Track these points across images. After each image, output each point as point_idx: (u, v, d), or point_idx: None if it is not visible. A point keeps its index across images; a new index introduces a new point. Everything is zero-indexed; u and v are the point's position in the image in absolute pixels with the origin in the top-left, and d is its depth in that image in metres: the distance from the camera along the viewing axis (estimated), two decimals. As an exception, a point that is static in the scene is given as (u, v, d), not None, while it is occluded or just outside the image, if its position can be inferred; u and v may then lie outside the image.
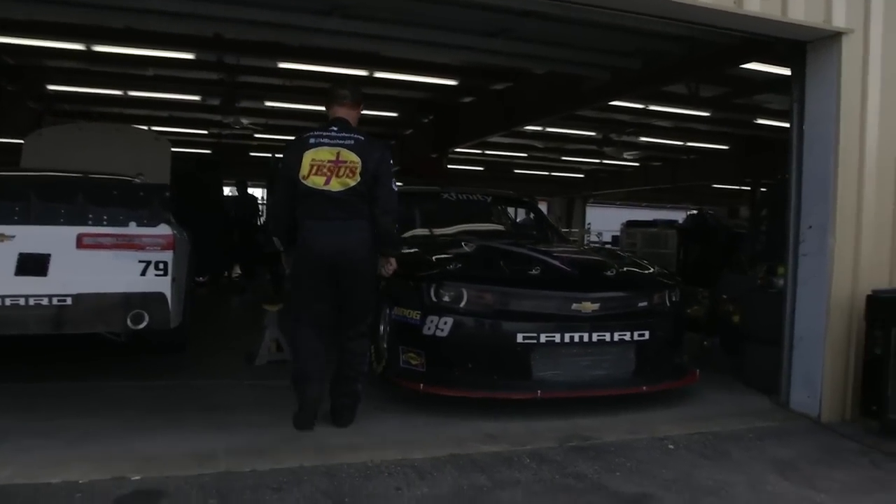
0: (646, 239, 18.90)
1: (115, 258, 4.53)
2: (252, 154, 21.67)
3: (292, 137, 4.17)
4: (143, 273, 4.60)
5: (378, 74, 10.78)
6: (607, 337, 4.57)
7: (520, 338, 4.40)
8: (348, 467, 3.43)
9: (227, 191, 14.90)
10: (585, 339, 4.51)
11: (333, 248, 3.87)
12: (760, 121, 13.86)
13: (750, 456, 3.94)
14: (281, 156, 4.23)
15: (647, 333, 4.71)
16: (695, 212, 24.67)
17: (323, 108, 4.27)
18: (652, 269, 5.38)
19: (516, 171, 24.12)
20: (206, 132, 18.16)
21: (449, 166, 17.23)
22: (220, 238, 11.27)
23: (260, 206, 13.64)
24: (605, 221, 28.85)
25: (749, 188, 20.28)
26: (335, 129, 4.00)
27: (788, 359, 5.04)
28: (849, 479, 3.63)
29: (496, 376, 4.49)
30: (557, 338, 4.45)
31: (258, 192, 15.16)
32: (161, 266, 4.65)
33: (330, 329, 4.07)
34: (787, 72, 8.79)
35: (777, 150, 17.69)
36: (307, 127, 15.94)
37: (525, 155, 20.73)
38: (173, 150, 8.70)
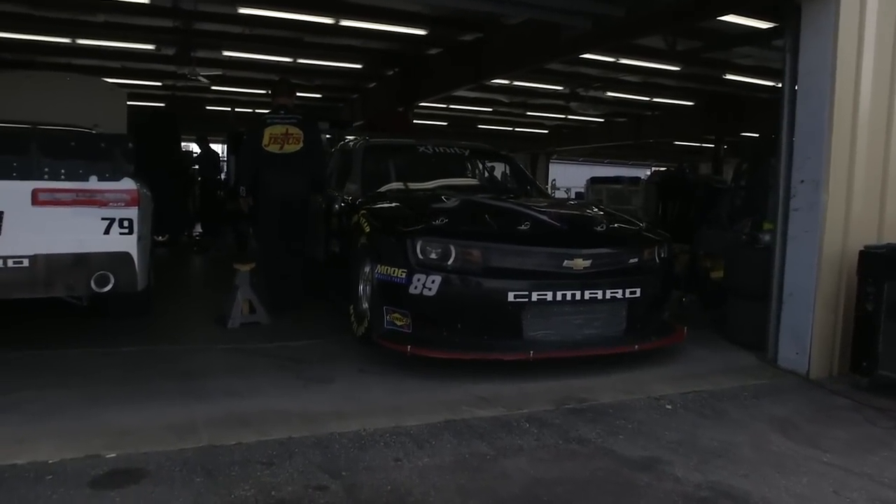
0: (611, 195, 18.91)
1: (75, 216, 4.17)
2: (209, 108, 20.91)
3: (252, 90, 7.53)
4: (107, 231, 4.26)
5: (344, 23, 10.31)
6: (599, 295, 4.42)
7: (511, 296, 4.22)
8: (340, 437, 3.23)
9: (185, 146, 14.31)
10: (577, 296, 4.35)
11: (286, 191, 5.74)
12: (729, 76, 13.78)
13: (748, 415, 3.86)
14: (239, 110, 7.11)
15: (638, 291, 4.59)
16: (663, 168, 24.86)
17: (285, 59, 7.48)
18: (641, 225, 5.23)
19: (480, 126, 23.82)
20: (159, 84, 17.40)
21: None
22: (179, 195, 10.81)
23: (222, 162, 13.12)
24: (568, 178, 28.87)
25: (712, 145, 20.34)
26: (283, 112, 5.89)
27: (776, 315, 4.98)
28: (849, 438, 3.58)
29: (486, 336, 4.32)
30: (549, 296, 4.28)
31: (218, 148, 14.55)
32: (126, 224, 4.31)
33: (280, 249, 5.87)
34: (763, 25, 8.72)
35: (742, 107, 17.95)
36: (267, 80, 15.31)
37: (490, 110, 20.42)
38: (127, 103, 8.22)
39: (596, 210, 5.57)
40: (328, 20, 10.10)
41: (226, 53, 13.46)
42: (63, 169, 4.22)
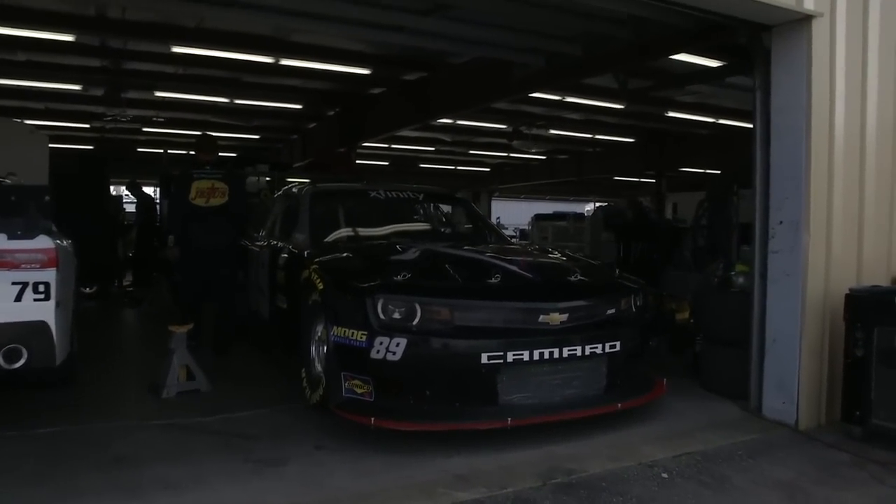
0: (557, 232, 18.84)
1: (-22, 281, 3.60)
2: (140, 150, 20.09)
3: (186, 132, 7.59)
4: (19, 298, 3.69)
5: (284, 62, 9.89)
6: (578, 351, 4.06)
7: (484, 358, 3.81)
8: (303, 539, 2.74)
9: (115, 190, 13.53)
10: (556, 354, 3.98)
11: (212, 241, 5.88)
12: (671, 114, 13.91)
13: (750, 480, 3.54)
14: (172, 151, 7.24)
15: (617, 344, 4.25)
16: (605, 202, 25.01)
17: (222, 99, 7.92)
18: (614, 271, 4.93)
19: (422, 164, 23.61)
20: (87, 126, 16.57)
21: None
22: (108, 242, 10.08)
23: (157, 207, 12.37)
24: (510, 215, 28.88)
25: (652, 180, 20.59)
26: (209, 168, 6.04)
27: (758, 363, 4.73)
28: (862, 502, 3.28)
29: (458, 403, 3.88)
30: (526, 355, 3.89)
31: (151, 191, 13.80)
32: (41, 288, 3.74)
33: (204, 296, 6.05)
34: (713, 63, 8.71)
35: (681, 143, 18.23)
36: (203, 121, 14.72)
37: (433, 149, 20.22)
38: (52, 145, 7.62)
39: (559, 255, 5.24)
40: (268, 59, 9.66)
41: (158, 94, 12.86)
42: (-34, 226, 3.65)
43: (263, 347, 6.10)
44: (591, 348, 4.11)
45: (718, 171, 6.49)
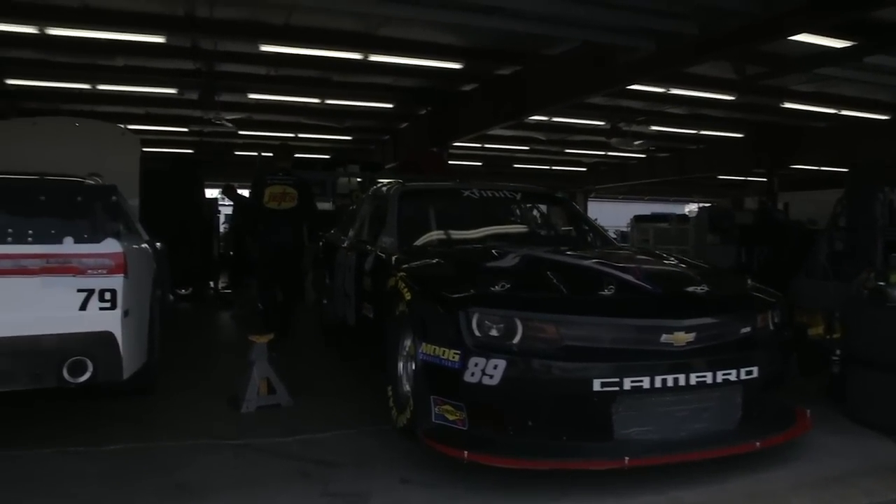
0: (658, 234, 17.84)
1: (42, 287, 3.34)
2: (237, 153, 20.49)
3: (278, 133, 9.74)
4: (84, 307, 3.41)
5: (373, 58, 9.59)
6: (708, 378, 3.41)
7: (597, 384, 3.23)
8: None
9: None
10: (681, 381, 3.35)
11: (281, 240, 6.61)
12: (787, 104, 12.77)
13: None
14: (266, 154, 7.53)
15: (754, 370, 3.56)
16: (708, 203, 23.71)
17: (313, 100, 8.59)
18: (743, 280, 4.22)
19: (516, 165, 23.03)
20: (186, 130, 16.97)
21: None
22: (202, 245, 10.05)
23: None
24: (607, 216, 27.77)
25: (763, 179, 19.18)
26: (282, 174, 6.73)
27: (927, 394, 3.93)
28: None
29: (566, 437, 3.32)
30: (646, 382, 3.28)
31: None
32: (108, 296, 3.46)
33: (274, 286, 6.89)
34: (838, 44, 7.74)
35: (797, 138, 16.83)
36: (296, 122, 14.80)
37: (527, 148, 19.62)
38: (152, 149, 7.61)
39: (678, 262, 4.56)
40: (356, 55, 9.39)
41: (251, 96, 12.91)
42: (30, 228, 3.40)
43: (350, 358, 5.72)
44: (723, 374, 3.45)
45: (851, 167, 5.58)
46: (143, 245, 4.92)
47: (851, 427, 4.40)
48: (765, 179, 19.49)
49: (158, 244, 6.83)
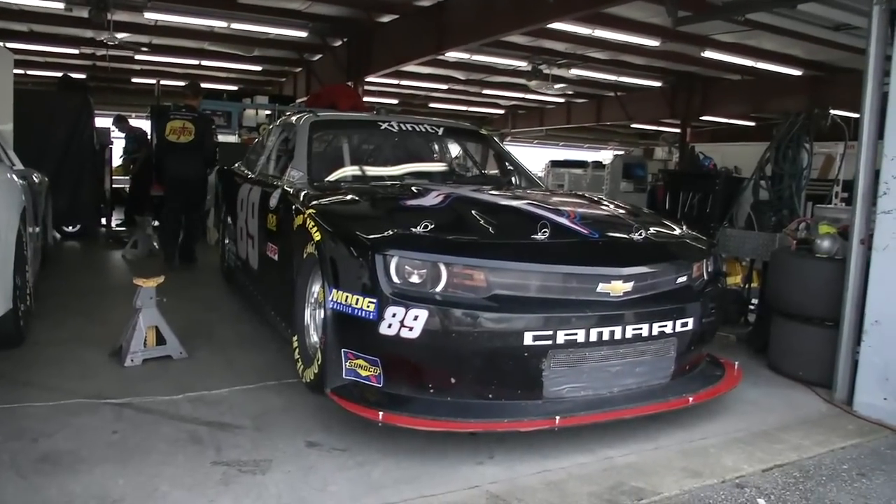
0: (574, 180, 17.86)
1: None
2: (135, 81, 19.01)
3: (181, 60, 11.92)
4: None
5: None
6: (644, 330, 3.18)
7: (528, 337, 2.92)
8: None
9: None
10: (617, 334, 3.10)
11: (183, 172, 6.97)
12: (708, 53, 12.75)
13: (875, 513, 2.69)
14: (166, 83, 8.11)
15: (689, 321, 3.36)
16: (622, 151, 23.89)
17: (218, 23, 8.93)
18: (679, 227, 3.99)
19: (432, 105, 22.47)
20: (76, 52, 15.49)
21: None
22: (91, 178, 9.11)
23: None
24: (522, 161, 27.71)
25: (678, 129, 19.43)
26: (184, 110, 7.09)
27: (851, 347, 3.86)
28: None
29: (491, 395, 3.01)
30: (581, 335, 3.00)
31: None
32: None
33: (179, 216, 7.16)
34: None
35: (710, 89, 17.04)
36: (199, 49, 13.68)
37: (445, 87, 19.07)
38: (38, 72, 6.69)
39: (615, 206, 4.28)
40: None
41: (148, 16, 11.76)
42: None
43: (253, 305, 5.23)
44: (659, 326, 3.22)
45: (783, 115, 5.48)
46: (8, 175, 4.23)
47: (775, 378, 4.36)
48: (677, 130, 19.75)
49: (36, 176, 6.05)
